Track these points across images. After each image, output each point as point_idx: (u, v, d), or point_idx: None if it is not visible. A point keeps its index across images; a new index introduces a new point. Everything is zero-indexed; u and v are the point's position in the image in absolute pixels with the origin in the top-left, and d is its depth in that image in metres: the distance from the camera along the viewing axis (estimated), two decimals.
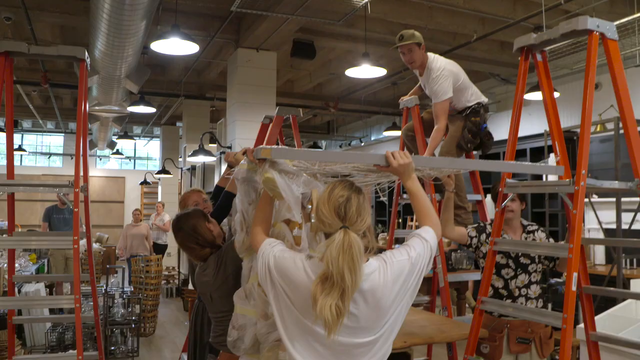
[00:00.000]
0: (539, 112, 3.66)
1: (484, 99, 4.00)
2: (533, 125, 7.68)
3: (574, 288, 2.47)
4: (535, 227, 3.29)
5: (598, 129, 6.64)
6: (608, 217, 6.21)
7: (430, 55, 3.84)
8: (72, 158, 15.63)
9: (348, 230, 1.59)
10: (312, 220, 1.80)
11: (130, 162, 17.64)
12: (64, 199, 2.75)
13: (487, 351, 3.03)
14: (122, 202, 16.71)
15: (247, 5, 5.48)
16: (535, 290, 3.15)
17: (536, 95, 6.59)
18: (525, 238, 3.23)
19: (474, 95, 3.95)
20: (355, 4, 5.46)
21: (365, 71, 6.34)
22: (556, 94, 6.80)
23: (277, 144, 4.48)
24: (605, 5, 6.01)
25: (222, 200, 3.04)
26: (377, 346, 1.66)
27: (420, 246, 1.73)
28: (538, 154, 8.02)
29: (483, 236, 3.23)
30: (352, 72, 6.45)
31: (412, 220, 9.40)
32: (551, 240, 3.33)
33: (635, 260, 6.27)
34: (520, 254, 3.12)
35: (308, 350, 1.63)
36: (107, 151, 14.97)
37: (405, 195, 4.38)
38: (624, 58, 6.30)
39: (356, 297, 1.59)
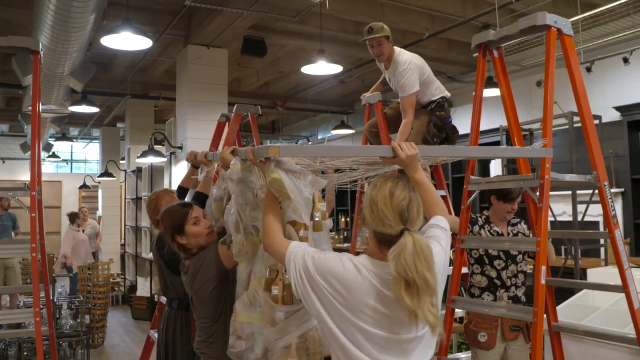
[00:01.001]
0: (487, 107, 3.70)
1: (447, 94, 4.02)
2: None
3: (543, 281, 2.49)
4: (517, 219, 3.39)
5: None
6: (557, 209, 6.46)
7: (397, 48, 3.81)
8: (3, 162, 14.87)
9: (412, 233, 1.54)
10: (316, 219, 1.73)
11: (67, 165, 16.84)
12: (20, 202, 2.53)
13: (485, 340, 3.07)
14: (59, 207, 15.95)
15: (201, 0, 5.30)
16: (521, 278, 3.25)
17: (485, 92, 6.73)
18: (511, 231, 3.33)
19: (438, 90, 3.96)
20: (312, 0, 5.38)
21: (321, 68, 6.28)
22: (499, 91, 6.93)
23: (235, 143, 4.38)
24: (548, 5, 6.22)
25: (194, 201, 2.89)
26: (424, 341, 1.61)
27: (444, 236, 1.73)
28: None
29: (476, 227, 3.27)
30: (308, 69, 6.37)
31: None
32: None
33: (580, 250, 6.53)
34: None
35: (359, 348, 1.56)
36: (43, 154, 14.22)
37: None
38: None
39: None
